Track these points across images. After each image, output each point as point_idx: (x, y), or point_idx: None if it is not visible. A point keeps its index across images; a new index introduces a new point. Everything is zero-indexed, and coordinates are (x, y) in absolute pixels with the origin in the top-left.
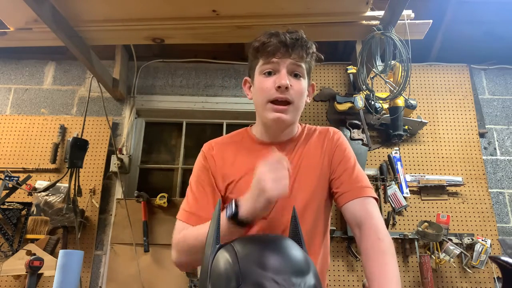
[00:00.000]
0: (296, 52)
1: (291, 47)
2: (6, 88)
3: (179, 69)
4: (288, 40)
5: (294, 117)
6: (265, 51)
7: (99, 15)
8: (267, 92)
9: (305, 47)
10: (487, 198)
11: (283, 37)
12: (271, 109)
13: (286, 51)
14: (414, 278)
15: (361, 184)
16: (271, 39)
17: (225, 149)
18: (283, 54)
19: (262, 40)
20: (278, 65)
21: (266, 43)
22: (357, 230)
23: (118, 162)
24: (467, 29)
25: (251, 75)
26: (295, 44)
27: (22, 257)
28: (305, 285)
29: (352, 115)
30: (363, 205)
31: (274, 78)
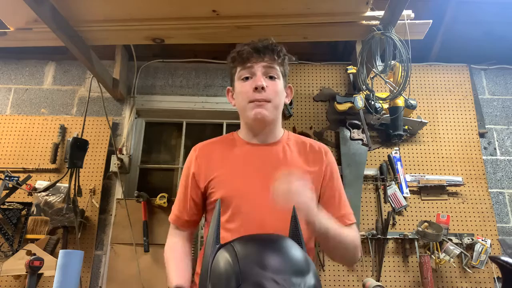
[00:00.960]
0: (268, 55)
1: (263, 51)
2: (6, 88)
3: (179, 69)
4: (260, 45)
5: (274, 115)
6: (241, 58)
7: (99, 15)
8: (246, 94)
9: (275, 51)
10: (487, 198)
11: (254, 44)
12: (251, 107)
13: (259, 56)
14: (414, 278)
15: (344, 212)
16: (244, 47)
17: (211, 148)
18: (256, 59)
19: (237, 50)
20: (253, 69)
21: (241, 51)
22: None
23: (118, 162)
24: (467, 29)
25: (232, 84)
26: (266, 48)
27: (22, 257)
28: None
29: (352, 115)
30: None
31: (251, 82)
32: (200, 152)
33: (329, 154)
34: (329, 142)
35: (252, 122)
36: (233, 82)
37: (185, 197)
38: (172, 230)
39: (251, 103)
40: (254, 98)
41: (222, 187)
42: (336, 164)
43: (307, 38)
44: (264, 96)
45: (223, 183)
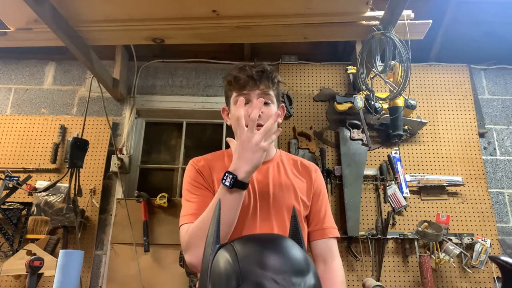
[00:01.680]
0: (263, 83)
1: (258, 79)
2: (6, 88)
3: (179, 69)
4: (255, 74)
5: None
6: (237, 84)
7: (99, 15)
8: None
9: (270, 78)
10: (487, 198)
11: (249, 72)
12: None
13: (255, 84)
14: (414, 278)
15: (327, 225)
16: (240, 74)
17: (211, 162)
18: (252, 87)
19: (234, 75)
20: (249, 96)
21: (237, 78)
22: (322, 265)
23: (118, 162)
24: (467, 29)
25: (227, 104)
26: (262, 77)
27: (22, 257)
28: (305, 285)
29: (352, 115)
30: (327, 246)
31: (247, 108)
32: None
33: (318, 171)
34: (329, 142)
35: None
36: (228, 103)
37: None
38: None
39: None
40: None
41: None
42: (323, 181)
43: (307, 38)
44: (260, 122)
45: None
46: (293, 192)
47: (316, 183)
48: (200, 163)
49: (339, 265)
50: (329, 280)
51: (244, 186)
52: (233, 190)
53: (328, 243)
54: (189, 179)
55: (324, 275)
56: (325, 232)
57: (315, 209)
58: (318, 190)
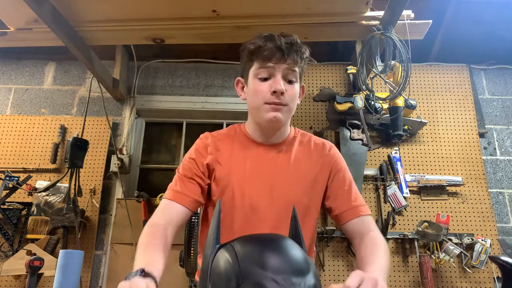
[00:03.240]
0: (291, 57)
1: (287, 52)
2: (6, 88)
3: (179, 69)
4: (284, 45)
5: (287, 118)
6: (261, 55)
7: (99, 15)
8: (263, 95)
9: (299, 53)
10: (487, 198)
11: (278, 42)
12: (267, 109)
13: (282, 56)
14: (414, 278)
15: (358, 203)
16: (267, 43)
17: (220, 141)
18: (278, 59)
19: (258, 44)
20: (274, 70)
21: (262, 47)
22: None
23: (118, 162)
24: (467, 29)
25: (244, 76)
26: (291, 49)
27: (22, 257)
28: (305, 285)
29: (352, 115)
30: (363, 223)
31: (270, 83)
32: (210, 142)
33: (333, 148)
34: None
35: (265, 124)
36: (246, 74)
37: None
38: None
39: (267, 105)
40: (272, 101)
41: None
42: (341, 157)
43: (307, 38)
44: (282, 101)
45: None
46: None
47: (333, 161)
48: (206, 141)
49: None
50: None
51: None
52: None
53: (363, 220)
54: (188, 158)
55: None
56: (356, 211)
57: (337, 188)
58: (335, 168)
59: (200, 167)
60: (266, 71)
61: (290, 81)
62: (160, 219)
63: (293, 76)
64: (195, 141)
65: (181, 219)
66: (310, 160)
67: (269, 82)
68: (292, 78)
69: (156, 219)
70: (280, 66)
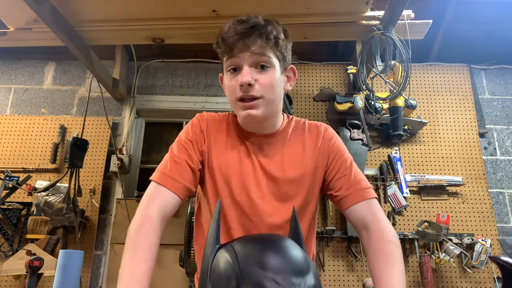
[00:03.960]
0: (255, 42)
1: (247, 38)
2: (6, 88)
3: (179, 69)
4: (243, 30)
5: (268, 111)
6: (225, 46)
7: (99, 15)
8: (233, 91)
9: (264, 35)
10: (487, 198)
11: (238, 28)
12: (240, 107)
13: (244, 44)
14: (414, 278)
15: (361, 186)
16: (229, 31)
17: (217, 126)
18: (241, 48)
19: (222, 34)
20: (240, 60)
21: (224, 37)
22: (364, 232)
23: (118, 162)
24: (467, 29)
25: (222, 71)
26: (251, 34)
27: (22, 257)
28: (305, 285)
29: (352, 115)
30: (368, 208)
31: (238, 76)
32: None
33: (328, 130)
34: None
35: (243, 121)
36: (222, 69)
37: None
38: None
39: (240, 102)
40: (241, 97)
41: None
42: (338, 137)
43: (307, 38)
44: (252, 94)
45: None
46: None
47: (329, 142)
48: (204, 124)
49: (387, 227)
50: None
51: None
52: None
53: (370, 204)
54: (185, 137)
55: (369, 243)
56: (362, 194)
57: (336, 170)
58: (334, 149)
59: (196, 151)
60: (233, 62)
61: (263, 66)
62: (153, 209)
63: (264, 60)
64: (191, 120)
65: (174, 208)
66: (305, 149)
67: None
68: (264, 63)
69: (149, 210)
70: (245, 55)
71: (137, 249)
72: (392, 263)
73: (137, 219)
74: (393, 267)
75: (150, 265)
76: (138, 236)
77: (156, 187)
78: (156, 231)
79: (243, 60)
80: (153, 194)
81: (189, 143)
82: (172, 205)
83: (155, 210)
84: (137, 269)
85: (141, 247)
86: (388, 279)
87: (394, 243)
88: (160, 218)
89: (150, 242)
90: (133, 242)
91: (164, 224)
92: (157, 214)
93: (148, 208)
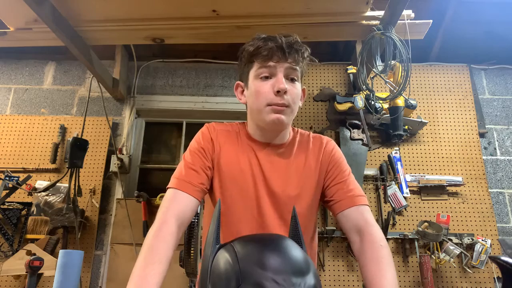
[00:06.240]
0: (292, 56)
1: (288, 51)
2: (6, 88)
3: (179, 69)
4: (285, 43)
5: (290, 120)
6: (261, 55)
7: (99, 15)
8: (266, 96)
9: (300, 51)
10: (487, 198)
11: (279, 41)
12: (270, 111)
13: (283, 55)
14: (414, 278)
15: (355, 193)
16: (267, 43)
17: (226, 136)
18: (280, 58)
19: (257, 44)
20: (275, 69)
21: (262, 47)
22: (356, 237)
23: (118, 162)
24: (467, 29)
25: (243, 79)
26: (292, 48)
27: (22, 257)
28: (305, 285)
29: (352, 115)
30: (360, 213)
31: (272, 82)
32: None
33: (330, 142)
34: None
35: (267, 127)
36: (246, 77)
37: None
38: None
39: (269, 107)
40: (275, 102)
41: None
42: (339, 150)
43: (307, 38)
44: (285, 101)
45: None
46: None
47: (329, 156)
48: (214, 134)
49: (378, 231)
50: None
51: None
52: None
53: (361, 210)
54: (197, 145)
55: (361, 246)
56: (354, 200)
57: (333, 179)
58: (332, 162)
59: (208, 157)
60: (268, 70)
61: (292, 79)
62: (171, 214)
63: (294, 74)
64: (201, 130)
65: (193, 211)
66: (308, 160)
67: (271, 81)
68: (294, 76)
69: (167, 215)
70: (282, 65)
71: (151, 252)
72: (385, 267)
73: (155, 225)
74: (386, 271)
75: (163, 267)
76: (154, 240)
77: (173, 192)
78: (173, 235)
79: (279, 69)
80: (171, 200)
81: (201, 150)
82: (190, 208)
83: (172, 215)
84: (148, 271)
85: (156, 249)
86: (381, 283)
87: (386, 247)
88: (178, 223)
89: (165, 245)
90: (148, 245)
91: (183, 228)
92: (174, 218)
93: (166, 214)
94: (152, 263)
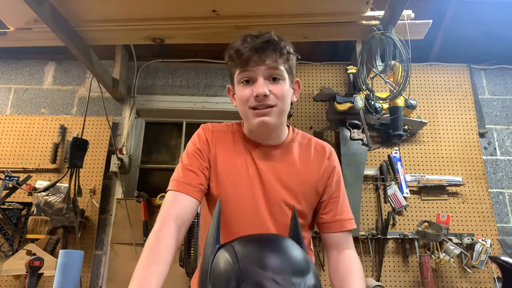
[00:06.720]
0: (270, 56)
1: (263, 52)
2: (6, 88)
3: (179, 69)
4: (259, 45)
5: (279, 120)
6: (239, 59)
7: (99, 15)
8: (246, 101)
9: (278, 50)
10: (487, 198)
11: (253, 42)
12: (253, 115)
13: (259, 58)
14: (414, 278)
15: (345, 216)
16: (243, 45)
17: (221, 137)
18: (256, 62)
19: (236, 47)
20: (254, 73)
21: (239, 51)
22: (335, 253)
23: (118, 162)
24: (467, 29)
25: (232, 83)
26: (267, 49)
27: (22, 257)
28: (305, 285)
29: (352, 115)
30: (346, 238)
31: (252, 87)
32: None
33: (333, 156)
34: (329, 142)
35: (255, 129)
36: (233, 81)
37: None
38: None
39: (253, 110)
40: (255, 106)
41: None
42: (339, 166)
43: (307, 38)
44: (270, 102)
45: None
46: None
47: (331, 169)
48: (209, 134)
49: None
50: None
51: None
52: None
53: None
54: (193, 146)
55: (338, 262)
56: (343, 224)
57: (330, 197)
58: (333, 177)
59: (205, 158)
60: (247, 74)
61: (275, 79)
62: (171, 216)
63: (277, 74)
64: (197, 131)
65: (193, 211)
66: (309, 165)
67: (251, 86)
68: (277, 75)
69: (167, 217)
70: (259, 68)
71: (152, 252)
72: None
73: (156, 226)
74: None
75: (164, 267)
76: (155, 241)
77: (173, 194)
78: (173, 235)
79: (258, 73)
80: (171, 202)
81: (197, 151)
82: (190, 208)
83: (173, 216)
84: (150, 271)
85: (157, 250)
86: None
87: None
88: (178, 224)
89: (166, 246)
90: (150, 246)
91: (183, 229)
92: (175, 220)
93: (167, 215)
94: (153, 264)
